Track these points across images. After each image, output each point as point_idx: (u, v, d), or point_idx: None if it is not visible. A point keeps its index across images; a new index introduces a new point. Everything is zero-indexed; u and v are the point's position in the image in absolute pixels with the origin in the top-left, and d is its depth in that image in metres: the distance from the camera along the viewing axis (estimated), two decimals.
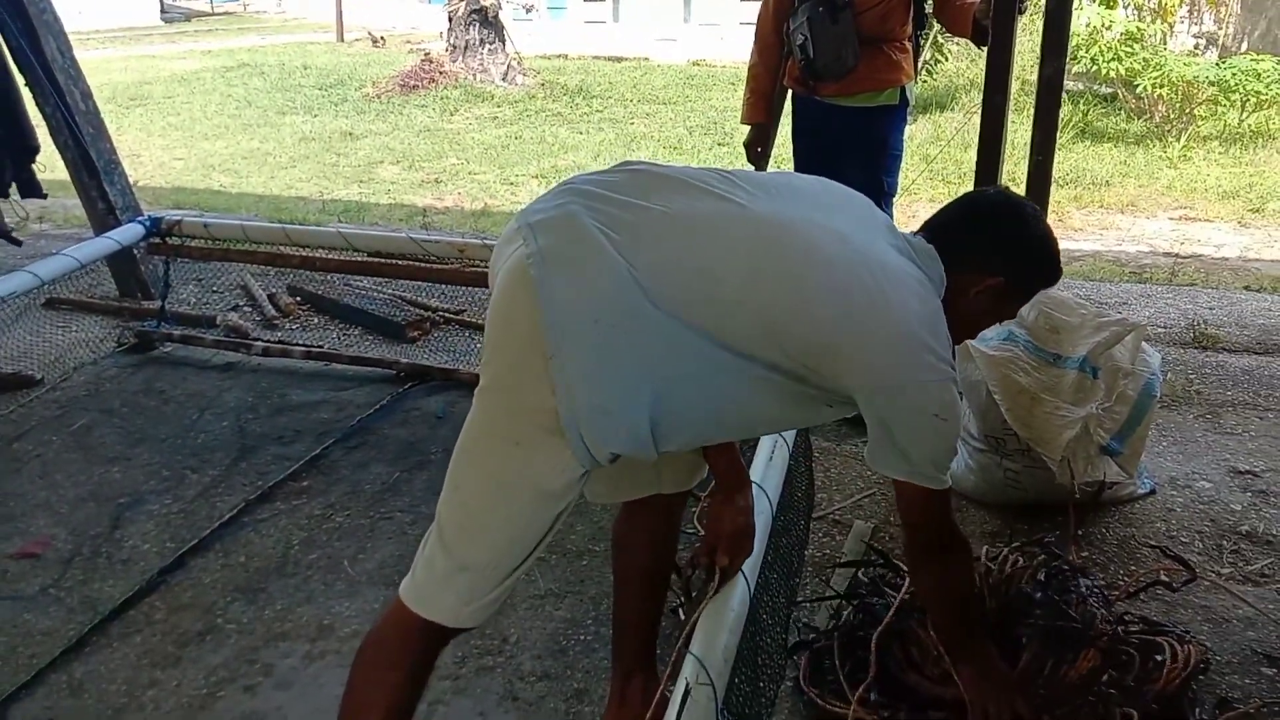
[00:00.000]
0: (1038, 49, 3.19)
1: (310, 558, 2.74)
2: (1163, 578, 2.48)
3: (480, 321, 4.26)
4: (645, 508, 1.96)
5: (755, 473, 1.96)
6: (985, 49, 3.08)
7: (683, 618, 2.29)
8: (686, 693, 1.45)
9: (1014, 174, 4.23)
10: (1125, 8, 10.68)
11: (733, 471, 1.85)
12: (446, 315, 4.41)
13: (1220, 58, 11.04)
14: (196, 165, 9.59)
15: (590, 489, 1.88)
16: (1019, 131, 4.84)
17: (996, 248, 1.71)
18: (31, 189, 4.29)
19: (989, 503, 2.88)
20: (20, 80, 4.17)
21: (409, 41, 19.26)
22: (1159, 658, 2.12)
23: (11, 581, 2.67)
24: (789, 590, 2.47)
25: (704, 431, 1.62)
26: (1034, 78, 3.21)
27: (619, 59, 16.76)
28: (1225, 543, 2.76)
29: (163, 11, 28.20)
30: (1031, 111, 3.22)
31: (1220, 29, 12.66)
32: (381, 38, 19.56)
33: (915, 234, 1.72)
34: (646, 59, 16.70)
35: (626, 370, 1.45)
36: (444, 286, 4.47)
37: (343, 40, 20.54)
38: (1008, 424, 2.67)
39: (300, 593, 2.59)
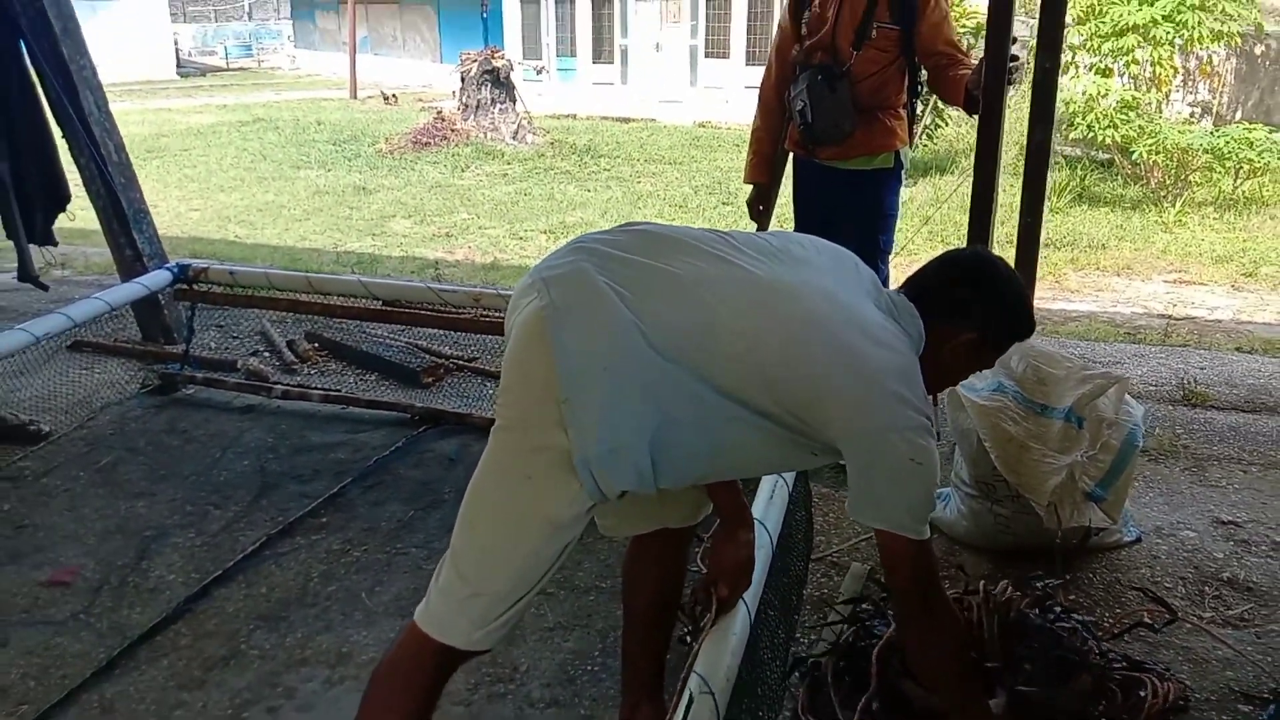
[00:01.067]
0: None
1: (329, 589, 2.86)
2: (1146, 619, 2.60)
3: (492, 369, 4.42)
4: (653, 542, 2.08)
5: (757, 510, 2.09)
6: (977, 117, 3.26)
7: (688, 647, 2.40)
8: (690, 701, 1.57)
9: (1009, 235, 4.41)
10: (1121, 76, 10.98)
11: (735, 508, 1.97)
12: (460, 363, 4.56)
13: (1214, 126, 11.32)
14: (212, 216, 9.82)
15: (601, 522, 2.02)
16: (1013, 194, 5.04)
17: (971, 305, 1.82)
18: (47, 237, 4.47)
19: (980, 547, 3.00)
20: (56, 132, 4.38)
21: (420, 100, 19.70)
22: (1141, 693, 2.24)
23: (43, 607, 2.79)
24: (788, 626, 2.59)
25: (702, 470, 1.75)
26: None
27: (626, 120, 17.15)
28: (1207, 588, 2.88)
29: (179, 66, 28.83)
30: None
31: (1214, 98, 12.98)
32: (394, 95, 20.00)
33: (898, 291, 1.86)
34: (653, 120, 17.08)
35: (634, 414, 1.59)
36: (457, 335, 4.63)
37: (355, 97, 21.01)
38: (998, 471, 2.81)
39: (320, 621, 2.71)
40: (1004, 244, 4.95)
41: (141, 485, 3.48)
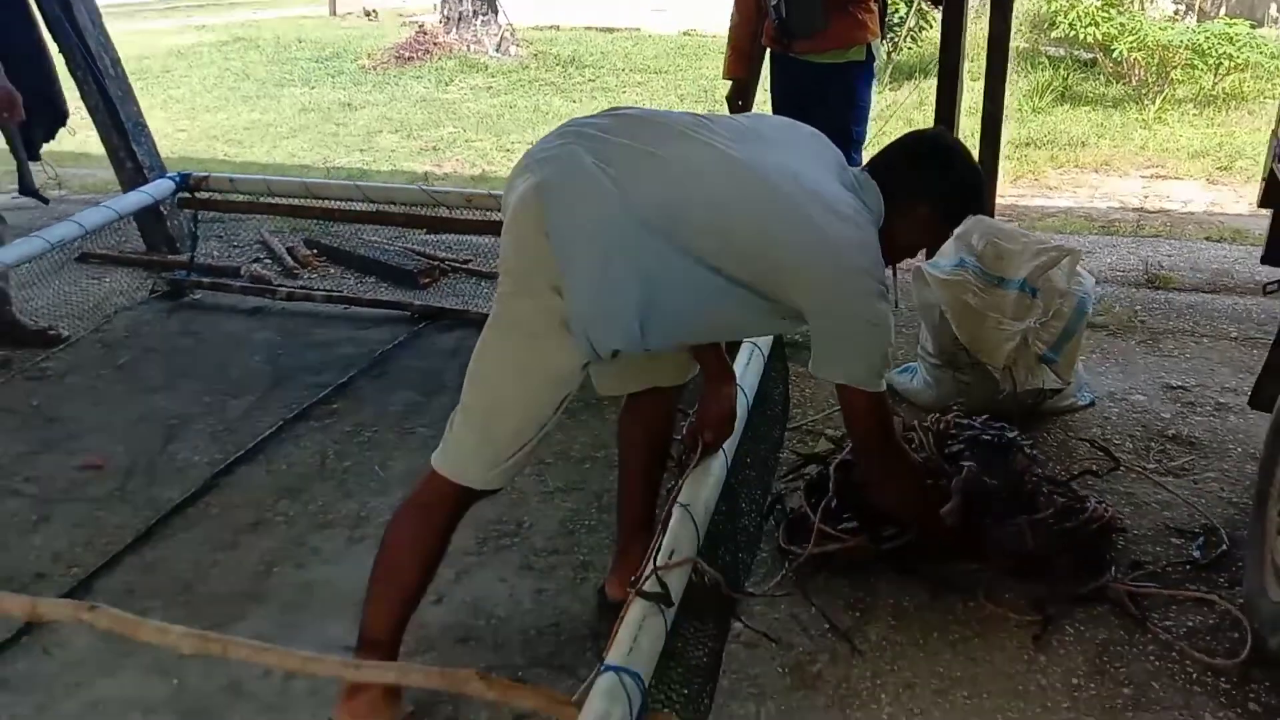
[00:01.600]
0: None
1: (345, 464, 3.10)
2: (1093, 468, 2.86)
3: (485, 269, 4.61)
4: (644, 400, 2.31)
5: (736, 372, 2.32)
6: (941, 10, 3.42)
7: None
8: (669, 516, 1.81)
9: (974, 133, 4.58)
10: None
11: (719, 366, 2.21)
12: (455, 264, 4.74)
13: (1198, 22, 11.34)
14: (200, 136, 9.86)
15: (599, 382, 2.25)
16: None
17: (926, 182, 1.99)
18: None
19: None
20: (53, 48, 4.48)
21: (401, 15, 19.40)
22: (1079, 506, 2.52)
23: (81, 487, 3.03)
24: (765, 484, 2.84)
25: (685, 332, 1.97)
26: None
27: (611, 29, 16.96)
28: (1153, 444, 3.13)
29: None
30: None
31: None
32: (374, 11, 19.71)
33: (861, 169, 2.04)
34: (638, 29, 16.89)
35: (621, 281, 1.79)
36: (451, 239, 4.82)
37: (335, 14, 20.67)
38: (959, 340, 3.03)
39: (339, 491, 2.95)
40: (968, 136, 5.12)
41: (160, 381, 3.70)
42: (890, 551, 2.45)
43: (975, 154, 4.22)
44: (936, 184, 2.01)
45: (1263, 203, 3.12)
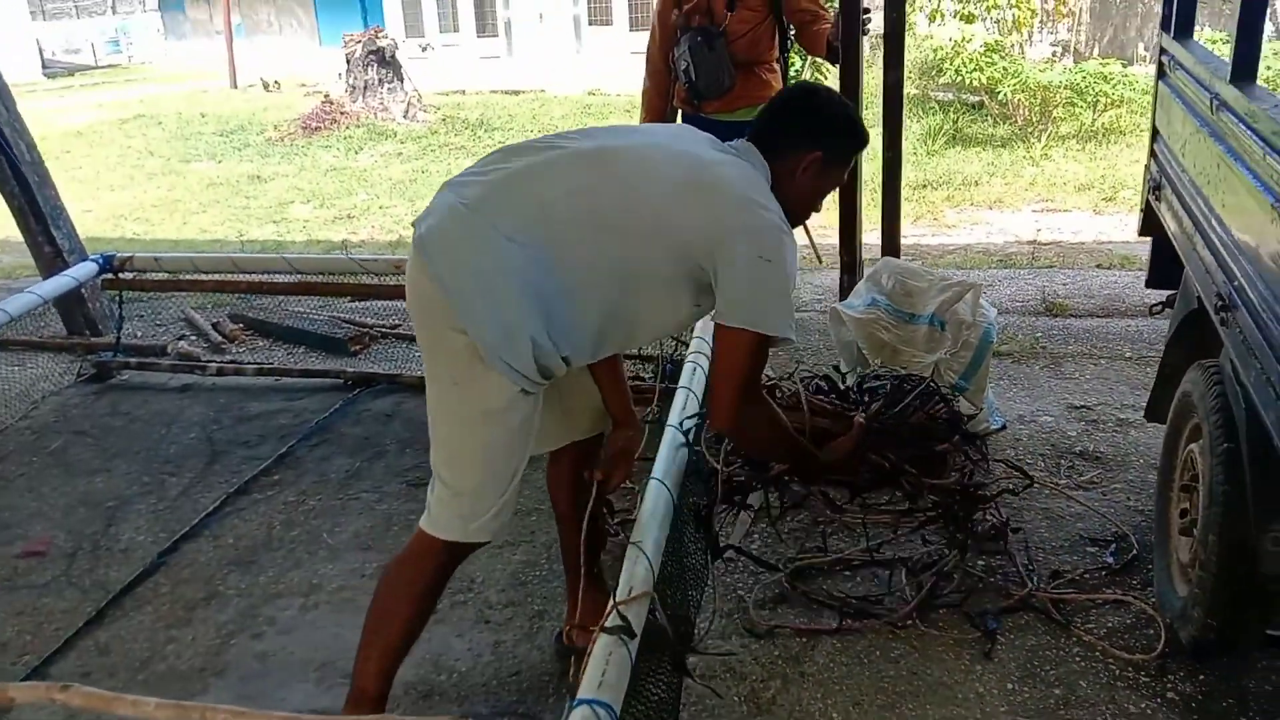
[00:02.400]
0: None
1: (292, 534, 3.13)
2: (1009, 488, 3.04)
3: (413, 334, 4.68)
4: (565, 456, 2.39)
5: (673, 417, 2.41)
6: (838, 66, 3.65)
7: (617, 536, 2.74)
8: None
9: (874, 178, 4.84)
10: (984, 21, 11.58)
11: (622, 411, 2.29)
12: (384, 330, 4.81)
13: (1074, 63, 12.02)
14: (106, 216, 9.73)
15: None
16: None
17: (805, 128, 2.01)
18: None
19: None
20: None
21: (303, 85, 19.41)
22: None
23: (23, 575, 3.01)
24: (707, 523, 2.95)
25: (592, 333, 1.93)
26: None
27: (516, 92, 17.22)
28: (1063, 461, 3.34)
29: (44, 67, 27.70)
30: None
31: (1072, 36, 13.74)
32: (276, 83, 19.68)
33: (739, 140, 2.04)
34: (543, 90, 17.19)
35: (512, 300, 1.82)
36: (379, 305, 4.89)
37: (236, 86, 20.59)
38: None
39: (288, 561, 2.99)
40: (870, 183, 5.37)
41: (95, 464, 3.68)
42: (775, 478, 2.53)
43: (878, 198, 4.48)
44: (814, 128, 2.03)
45: (1143, 231, 3.38)
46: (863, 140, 2.15)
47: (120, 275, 4.31)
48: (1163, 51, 3.14)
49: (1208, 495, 2.20)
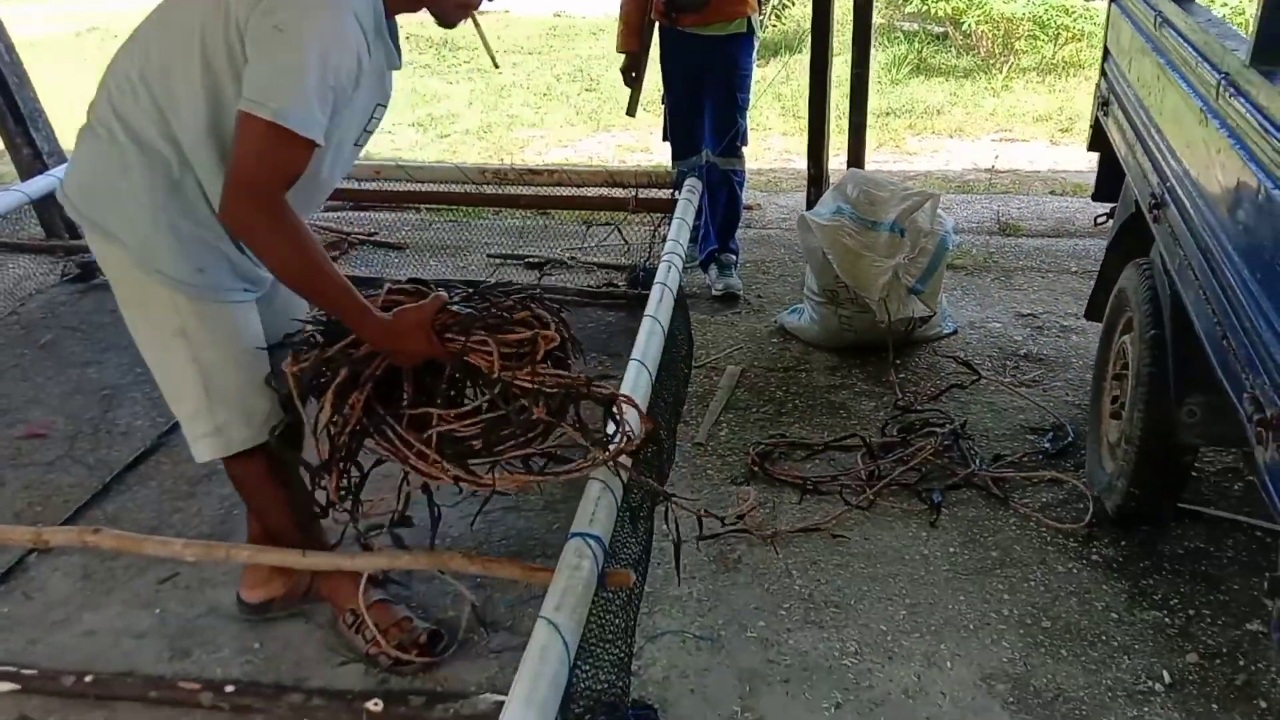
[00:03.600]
0: None
1: None
2: (959, 381, 3.29)
3: (391, 240, 4.83)
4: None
5: (636, 350, 2.27)
6: None
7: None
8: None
9: (841, 103, 5.01)
10: None
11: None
12: (361, 237, 4.93)
13: None
14: (74, 127, 9.61)
15: None
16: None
17: None
18: None
19: (828, 347, 3.64)
20: None
21: None
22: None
23: (28, 454, 3.16)
24: (676, 415, 3.16)
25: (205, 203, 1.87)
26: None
27: (481, 11, 17.01)
28: (1009, 362, 3.59)
29: None
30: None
31: None
32: None
33: None
34: (508, 11, 16.99)
35: (125, 210, 1.87)
36: (355, 214, 5.00)
37: None
38: (839, 279, 3.42)
39: None
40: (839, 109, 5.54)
41: (87, 356, 3.80)
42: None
43: (845, 118, 4.64)
44: None
45: (1091, 146, 3.58)
46: None
47: None
48: None
49: (1135, 377, 2.43)
